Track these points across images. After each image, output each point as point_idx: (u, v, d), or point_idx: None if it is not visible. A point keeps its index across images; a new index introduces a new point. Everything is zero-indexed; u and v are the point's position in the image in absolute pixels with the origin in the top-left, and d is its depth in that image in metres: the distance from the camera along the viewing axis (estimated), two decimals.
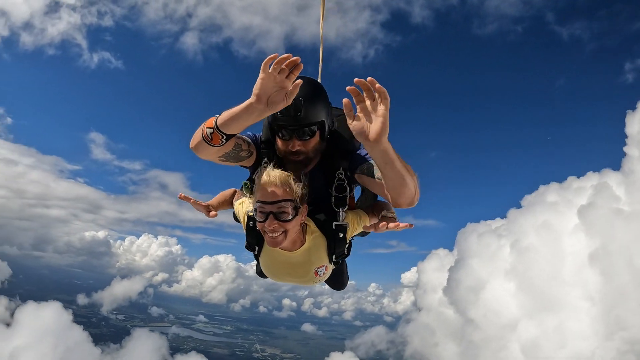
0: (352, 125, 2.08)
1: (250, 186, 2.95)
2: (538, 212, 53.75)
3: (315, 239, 2.91)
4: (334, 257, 2.98)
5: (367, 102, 2.06)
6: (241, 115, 2.26)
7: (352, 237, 3.05)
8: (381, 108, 2.03)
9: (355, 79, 1.99)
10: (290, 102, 2.17)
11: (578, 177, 56.16)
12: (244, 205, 3.06)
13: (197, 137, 2.51)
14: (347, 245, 3.03)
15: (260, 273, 3.63)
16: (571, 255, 49.15)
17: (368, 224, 2.90)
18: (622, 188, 49.21)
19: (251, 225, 2.92)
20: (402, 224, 2.56)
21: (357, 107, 2.07)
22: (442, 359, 62.42)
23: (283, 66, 2.08)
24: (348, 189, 2.90)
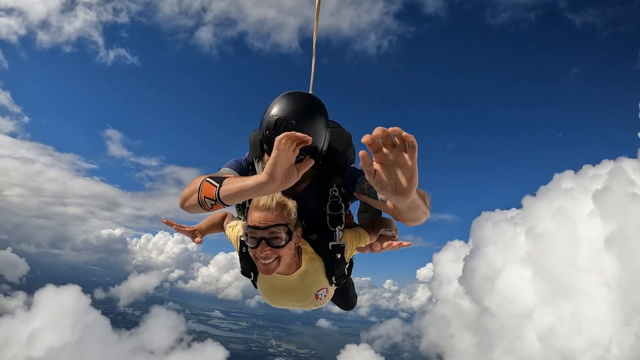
0: (375, 181, 1.70)
1: (242, 208, 2.81)
2: (553, 199, 53.28)
3: (312, 261, 2.76)
4: (333, 278, 2.83)
5: (385, 150, 1.63)
6: (251, 194, 2.05)
7: (353, 256, 2.90)
8: (409, 159, 1.61)
9: (375, 130, 1.55)
10: (299, 177, 1.96)
11: (593, 166, 55.23)
12: (235, 230, 2.93)
13: (191, 200, 2.31)
14: (347, 266, 2.85)
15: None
16: (587, 242, 48.58)
17: (368, 242, 2.76)
18: (637, 173, 48.47)
19: (244, 251, 2.76)
20: (403, 243, 2.33)
21: (374, 156, 1.65)
22: (458, 350, 62.06)
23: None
24: (343, 206, 2.71)
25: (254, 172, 2.76)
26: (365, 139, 1.55)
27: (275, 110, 2.41)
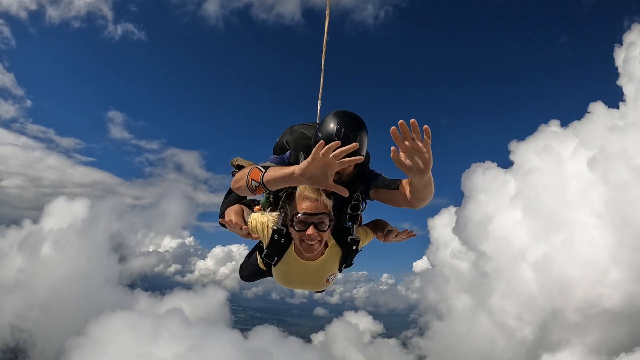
0: (402, 166, 2.41)
1: (274, 201, 3.33)
2: (541, 139, 54.39)
3: (333, 250, 3.33)
4: (343, 266, 3.45)
5: (407, 143, 2.31)
6: (285, 182, 2.63)
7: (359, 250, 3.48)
8: (426, 145, 2.30)
9: (400, 122, 2.27)
10: (328, 186, 2.48)
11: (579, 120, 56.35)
12: (263, 219, 3.30)
13: (241, 183, 2.89)
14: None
15: (247, 278, 4.14)
16: (575, 177, 49.73)
17: (372, 238, 3.53)
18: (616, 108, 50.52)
19: (275, 238, 3.23)
20: (412, 232, 3.51)
21: (400, 146, 2.34)
22: (456, 309, 62.54)
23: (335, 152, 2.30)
24: (362, 207, 3.36)
25: None
26: (393, 130, 2.28)
27: (338, 122, 2.92)
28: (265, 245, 3.32)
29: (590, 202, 47.44)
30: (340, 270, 3.46)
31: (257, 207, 3.60)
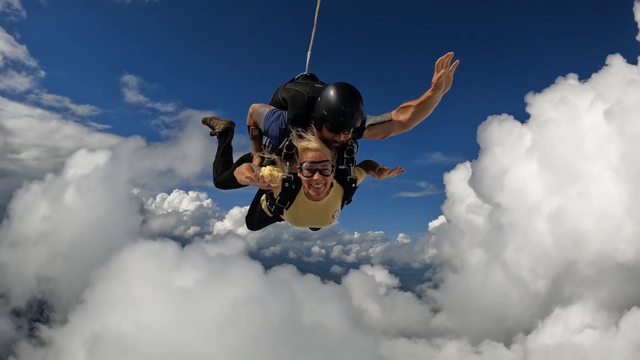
0: (436, 85, 3.43)
1: (288, 154, 3.67)
2: (557, 92, 53.24)
3: (335, 190, 3.80)
4: (345, 202, 3.95)
5: (443, 70, 3.37)
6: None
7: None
8: (452, 71, 3.40)
9: (449, 54, 3.33)
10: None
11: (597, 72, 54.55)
12: (275, 172, 3.76)
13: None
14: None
15: (254, 226, 4.73)
16: (591, 130, 48.89)
17: (365, 176, 4.04)
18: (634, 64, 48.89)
19: (286, 185, 3.69)
20: (401, 169, 4.04)
21: (442, 69, 3.36)
22: (470, 263, 63.32)
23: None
24: (356, 150, 3.82)
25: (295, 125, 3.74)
26: (438, 63, 3.36)
27: (343, 99, 3.40)
28: (277, 194, 3.81)
29: (606, 155, 46.80)
30: (341, 207, 3.98)
31: (256, 160, 4.22)
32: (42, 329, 51.94)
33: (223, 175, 4.59)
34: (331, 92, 3.43)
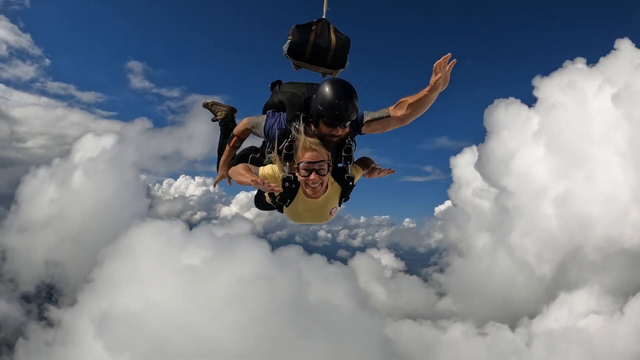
0: (436, 84, 3.59)
1: (287, 155, 3.76)
2: (565, 75, 52.84)
3: (333, 188, 3.91)
4: (343, 200, 4.06)
5: (439, 75, 3.53)
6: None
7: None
8: (449, 71, 3.56)
9: (445, 56, 3.49)
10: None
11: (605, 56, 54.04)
12: (275, 171, 3.86)
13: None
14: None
15: (260, 207, 4.76)
16: (599, 115, 48.57)
17: (361, 173, 4.13)
18: None
19: (286, 185, 3.78)
20: (391, 170, 4.26)
21: (440, 72, 3.53)
22: (476, 247, 63.27)
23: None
24: (354, 148, 3.96)
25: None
26: (437, 65, 3.52)
27: (337, 94, 3.56)
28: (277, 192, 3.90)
29: (613, 140, 46.52)
30: (340, 204, 4.11)
31: (252, 167, 4.21)
32: (51, 309, 52.26)
33: None
34: (326, 88, 3.62)
